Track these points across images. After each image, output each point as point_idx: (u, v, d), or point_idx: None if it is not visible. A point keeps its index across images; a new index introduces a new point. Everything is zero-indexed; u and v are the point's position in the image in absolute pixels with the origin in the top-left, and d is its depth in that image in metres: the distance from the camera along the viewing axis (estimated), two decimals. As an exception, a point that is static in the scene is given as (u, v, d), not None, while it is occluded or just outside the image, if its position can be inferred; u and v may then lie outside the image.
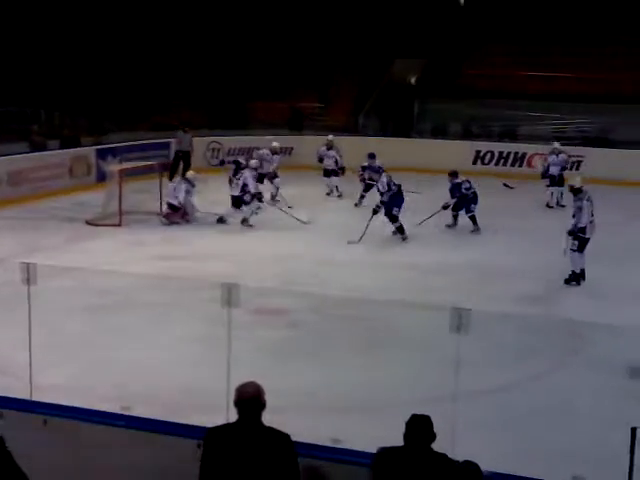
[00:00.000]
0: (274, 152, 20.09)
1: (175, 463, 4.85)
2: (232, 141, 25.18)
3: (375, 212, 15.81)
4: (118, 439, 5.03)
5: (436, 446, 4.57)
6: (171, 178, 20.11)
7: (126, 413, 5.69)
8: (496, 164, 25.13)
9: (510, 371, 8.98)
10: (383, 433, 4.96)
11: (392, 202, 15.88)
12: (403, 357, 9.30)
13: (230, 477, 4.53)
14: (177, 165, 22.21)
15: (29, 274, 6.53)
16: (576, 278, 12.65)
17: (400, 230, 15.87)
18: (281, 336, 10.03)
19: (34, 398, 5.84)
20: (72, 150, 21.62)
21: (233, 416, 4.66)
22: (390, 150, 24.51)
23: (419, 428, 4.59)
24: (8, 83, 22.27)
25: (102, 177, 19.52)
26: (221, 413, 5.22)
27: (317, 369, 8.81)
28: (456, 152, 24.76)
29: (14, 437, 3.71)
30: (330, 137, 21.68)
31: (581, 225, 12.55)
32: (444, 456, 4.59)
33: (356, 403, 8.04)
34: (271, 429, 4.61)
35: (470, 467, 4.59)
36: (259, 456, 4.52)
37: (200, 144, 24.39)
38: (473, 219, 16.71)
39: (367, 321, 10.24)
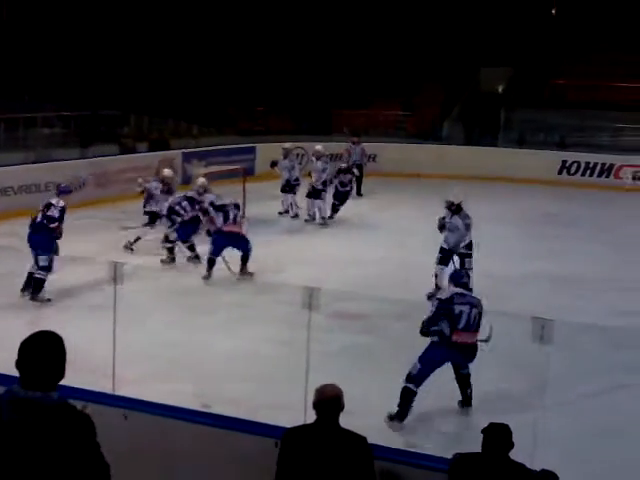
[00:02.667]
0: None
1: (252, 461, 4.89)
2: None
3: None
4: (197, 436, 5.10)
5: (515, 456, 4.53)
6: (358, 192, 20.69)
7: (206, 410, 5.78)
8: (582, 174, 24.67)
9: (592, 383, 8.82)
10: (458, 439, 4.95)
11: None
12: (482, 365, 9.18)
13: (307, 477, 4.56)
14: (360, 179, 21.07)
15: (116, 273, 6.67)
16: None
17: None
18: (359, 341, 10.01)
19: (116, 393, 5.95)
20: (160, 153, 21.98)
21: (310, 418, 4.70)
22: (475, 159, 24.41)
23: (497, 436, 4.56)
24: (99, 87, 22.78)
25: (188, 180, 19.81)
26: (299, 414, 5.26)
27: (393, 375, 8.77)
28: (542, 162, 24.44)
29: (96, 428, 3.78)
30: (287, 145, 19.37)
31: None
32: (521, 465, 4.55)
33: (432, 409, 8.00)
34: (348, 431, 4.64)
35: (548, 477, 4.54)
36: (336, 457, 4.54)
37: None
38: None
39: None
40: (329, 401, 4.65)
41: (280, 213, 18.54)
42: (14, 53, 21.94)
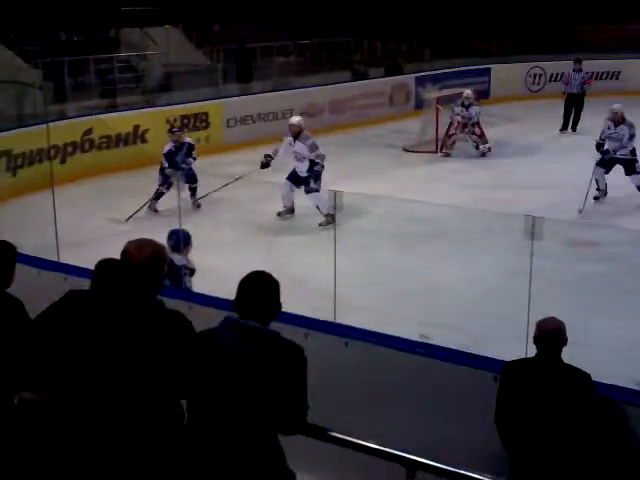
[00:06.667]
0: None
1: (469, 395, 4.80)
2: (555, 66, 24.21)
3: None
4: (415, 367, 5.03)
5: None
6: (563, 128, 18.53)
7: (425, 341, 5.71)
8: None
9: None
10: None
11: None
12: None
13: (527, 412, 4.47)
14: (568, 113, 18.71)
15: (336, 201, 6.73)
16: None
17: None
18: (592, 270, 9.52)
19: (338, 320, 5.99)
20: (392, 78, 21.84)
21: (532, 351, 4.56)
22: None
23: None
24: (332, 14, 22.93)
25: (420, 104, 19.66)
26: (520, 346, 5.11)
27: (627, 307, 8.32)
28: None
29: (317, 355, 3.81)
30: None
31: None
32: None
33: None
34: (571, 367, 4.51)
35: None
36: (557, 393, 4.43)
37: (521, 69, 23.80)
38: None
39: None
40: (551, 334, 4.53)
41: None
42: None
